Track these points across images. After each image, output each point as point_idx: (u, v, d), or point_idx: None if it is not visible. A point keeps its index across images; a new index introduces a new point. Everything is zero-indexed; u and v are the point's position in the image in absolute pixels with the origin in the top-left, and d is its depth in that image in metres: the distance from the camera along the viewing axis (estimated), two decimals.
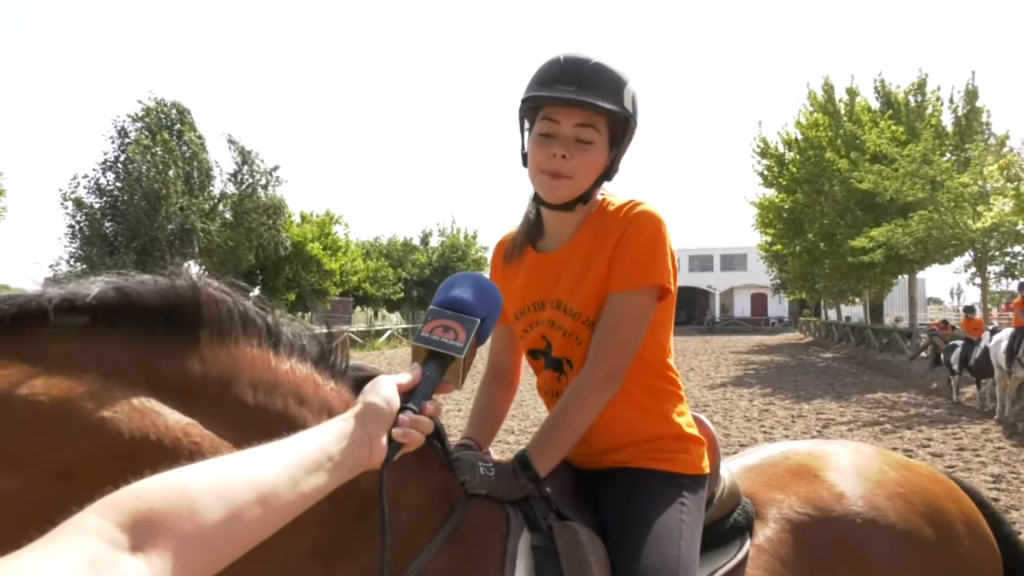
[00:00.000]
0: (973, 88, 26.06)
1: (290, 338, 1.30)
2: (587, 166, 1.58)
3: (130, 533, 0.71)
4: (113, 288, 1.13)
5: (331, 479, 0.97)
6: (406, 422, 1.11)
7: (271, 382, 1.23)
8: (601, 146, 1.59)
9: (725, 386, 17.50)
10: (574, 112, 1.55)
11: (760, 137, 33.17)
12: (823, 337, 37.58)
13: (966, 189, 19.59)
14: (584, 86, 1.53)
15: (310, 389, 1.28)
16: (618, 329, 1.56)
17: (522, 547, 1.43)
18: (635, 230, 1.57)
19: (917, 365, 20.40)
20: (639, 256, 1.56)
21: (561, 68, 1.55)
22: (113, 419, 1.05)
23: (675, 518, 1.55)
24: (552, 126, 1.57)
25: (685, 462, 1.64)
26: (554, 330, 1.68)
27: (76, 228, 25.78)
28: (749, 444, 9.66)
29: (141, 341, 1.12)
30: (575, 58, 1.57)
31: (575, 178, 1.58)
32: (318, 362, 1.33)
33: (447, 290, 1.32)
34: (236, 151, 30.00)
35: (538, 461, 1.49)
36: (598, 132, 1.57)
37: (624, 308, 1.56)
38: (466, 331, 1.25)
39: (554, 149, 1.56)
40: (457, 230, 52.08)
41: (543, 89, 1.55)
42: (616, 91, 1.56)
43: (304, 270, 33.26)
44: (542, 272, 1.70)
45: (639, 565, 1.46)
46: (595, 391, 1.54)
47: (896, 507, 1.89)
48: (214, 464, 0.85)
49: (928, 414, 12.83)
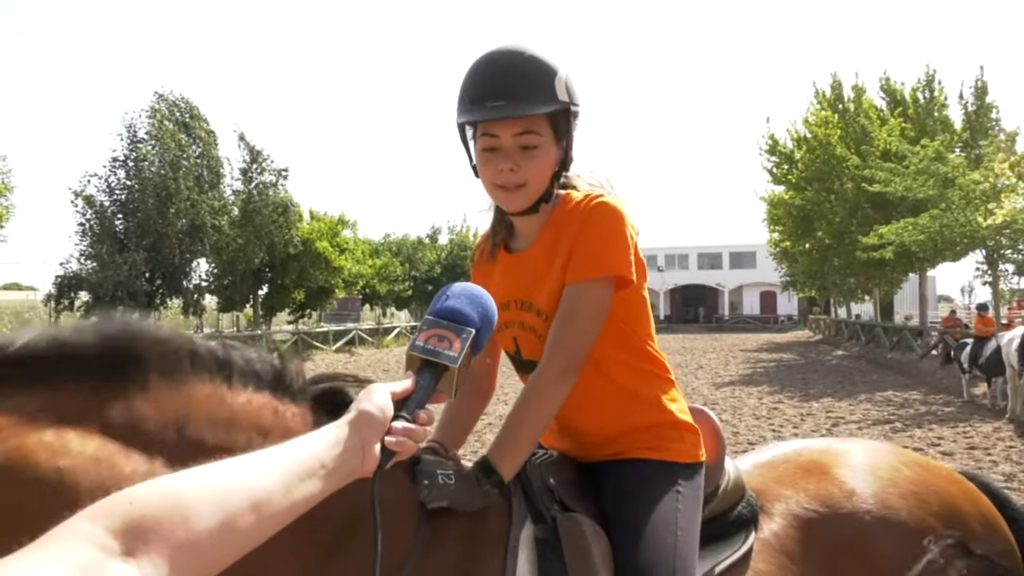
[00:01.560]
0: (983, 84, 25.89)
1: (242, 367, 1.27)
2: (537, 170, 1.56)
3: (122, 539, 0.70)
4: (46, 339, 1.10)
5: (324, 486, 0.96)
6: (399, 430, 1.11)
7: (227, 418, 1.21)
8: (548, 145, 1.57)
9: (734, 384, 17.45)
10: (511, 123, 1.53)
11: (769, 134, 33.07)
12: (833, 335, 37.44)
13: (978, 186, 19.45)
14: (514, 95, 1.50)
15: (269, 418, 1.26)
16: (574, 320, 1.54)
17: (524, 538, 1.43)
18: (592, 222, 1.56)
19: (927, 363, 20.30)
20: (595, 247, 1.55)
21: (487, 81, 1.52)
22: (70, 468, 1.03)
23: (671, 507, 1.55)
24: (493, 140, 1.55)
25: (679, 450, 1.64)
26: (524, 331, 1.67)
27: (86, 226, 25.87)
28: (758, 442, 9.63)
29: (88, 389, 1.10)
30: (499, 64, 1.53)
31: (528, 185, 1.57)
32: (275, 386, 1.30)
33: (443, 300, 1.32)
34: (246, 149, 30.07)
35: (501, 464, 1.45)
36: (540, 135, 1.55)
37: (579, 298, 1.55)
38: (461, 341, 1.25)
39: (500, 164, 1.55)
40: (467, 228, 52.09)
41: (475, 109, 1.52)
42: (548, 88, 1.52)
43: (313, 268, 33.31)
44: (512, 272, 1.69)
45: (636, 557, 1.47)
46: (552, 385, 1.52)
47: (909, 506, 1.87)
48: (207, 470, 0.84)
49: (939, 412, 12.75)
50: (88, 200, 25.86)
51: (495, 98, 1.50)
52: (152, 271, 26.35)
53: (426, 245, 49.77)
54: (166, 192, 25.57)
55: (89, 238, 25.88)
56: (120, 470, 1.07)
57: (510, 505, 1.47)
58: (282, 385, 1.31)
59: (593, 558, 1.42)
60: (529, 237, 1.68)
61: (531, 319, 1.65)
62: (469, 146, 1.63)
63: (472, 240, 51.20)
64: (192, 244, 26.74)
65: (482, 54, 1.57)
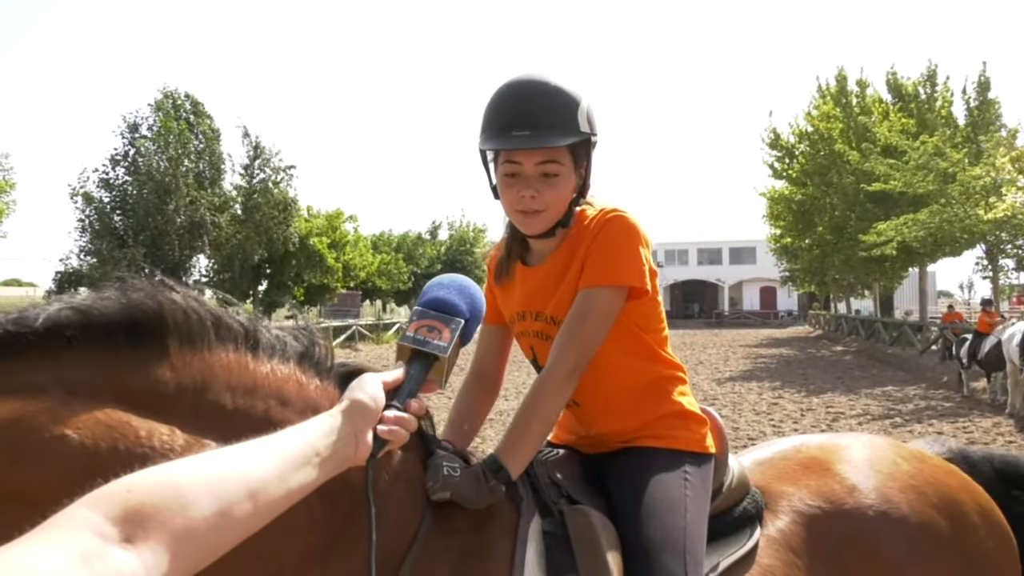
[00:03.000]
0: (985, 79, 25.86)
1: (270, 340, 1.28)
2: (557, 197, 1.59)
3: (121, 526, 0.71)
4: (70, 308, 1.11)
5: (318, 474, 0.98)
6: (391, 419, 1.14)
7: (249, 385, 1.22)
8: (568, 173, 1.60)
9: (734, 380, 17.47)
10: (534, 152, 1.56)
11: (771, 128, 33.03)
12: (832, 330, 37.45)
13: (978, 181, 19.44)
14: (539, 127, 1.53)
15: (293, 389, 1.27)
16: (583, 323, 1.57)
17: (533, 532, 1.44)
18: (606, 232, 1.60)
19: (927, 359, 20.30)
20: (608, 256, 1.58)
21: (512, 110, 1.55)
22: (75, 437, 1.04)
23: (679, 492, 1.57)
24: (515, 167, 1.58)
25: (687, 439, 1.66)
26: (540, 340, 1.71)
27: (86, 222, 25.88)
28: (758, 438, 9.65)
29: (106, 357, 1.11)
30: (524, 95, 1.56)
31: (548, 210, 1.60)
32: (301, 361, 1.32)
33: (432, 291, 1.35)
34: (249, 144, 30.04)
35: (509, 461, 1.47)
36: (562, 164, 1.58)
37: (590, 302, 1.57)
38: (450, 331, 1.28)
39: (522, 191, 1.58)
40: (466, 224, 52.07)
41: (500, 138, 1.56)
42: (571, 119, 1.56)
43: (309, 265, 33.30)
44: (528, 284, 1.73)
45: (645, 538, 1.48)
46: (560, 385, 1.54)
47: (909, 499, 1.89)
48: (204, 459, 0.86)
49: (938, 408, 12.77)
50: (88, 197, 25.85)
51: (520, 128, 1.53)
52: (152, 267, 26.37)
53: (426, 241, 49.73)
54: (166, 189, 25.55)
55: (89, 234, 25.91)
56: (134, 433, 1.08)
57: (518, 499, 1.48)
58: (309, 361, 1.33)
59: (602, 549, 1.44)
60: (544, 253, 1.72)
61: (545, 328, 1.68)
62: (489, 168, 1.66)
63: (471, 236, 51.25)
64: (192, 240, 26.74)
65: (507, 81, 1.60)
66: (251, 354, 1.25)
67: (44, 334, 1.07)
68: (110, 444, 1.06)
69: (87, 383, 1.08)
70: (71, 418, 1.05)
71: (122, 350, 1.12)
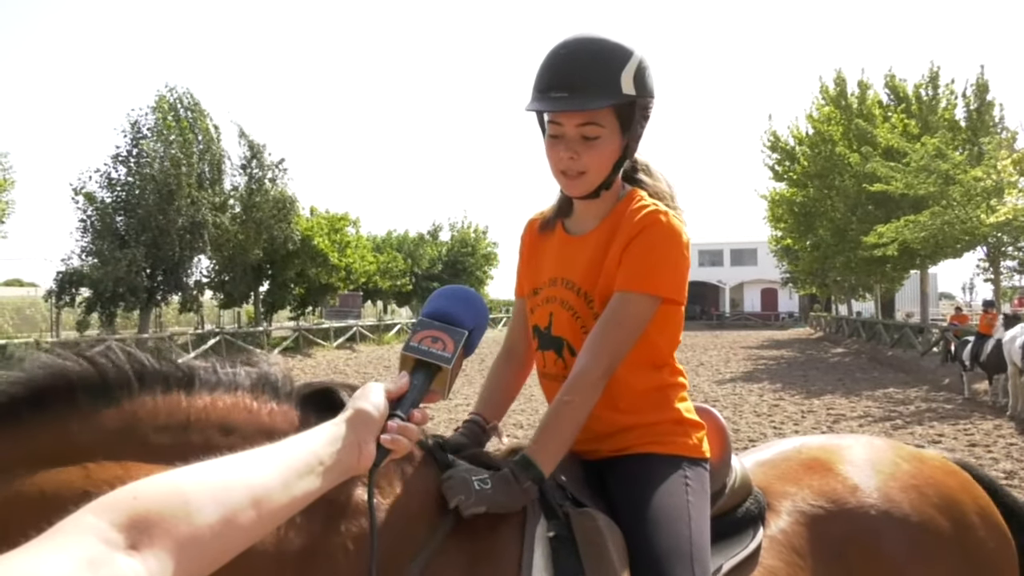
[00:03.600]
0: (983, 82, 25.87)
1: (209, 376, 1.27)
2: (597, 160, 1.60)
3: (127, 533, 0.72)
4: None
5: (322, 483, 0.98)
6: (394, 428, 1.14)
7: (181, 422, 1.20)
8: (609, 136, 1.60)
9: (735, 381, 17.47)
10: (573, 114, 1.57)
11: (770, 131, 33.06)
12: (833, 332, 37.46)
13: (979, 183, 19.43)
14: (577, 88, 1.53)
15: (240, 416, 1.26)
16: (620, 329, 1.58)
17: (539, 535, 1.43)
18: (650, 235, 1.60)
19: (928, 361, 20.31)
20: (649, 261, 1.59)
21: (553, 71, 1.56)
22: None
23: (681, 500, 1.57)
24: (558, 128, 1.60)
25: (685, 445, 1.66)
26: (563, 309, 1.70)
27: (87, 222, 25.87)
28: (759, 439, 9.64)
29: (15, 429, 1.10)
30: (566, 55, 1.56)
31: (588, 172, 1.61)
32: (254, 388, 1.30)
33: (436, 301, 1.36)
34: (246, 144, 30.03)
35: (540, 459, 1.47)
36: (602, 126, 1.58)
37: (626, 309, 1.58)
38: (454, 342, 1.29)
39: (562, 152, 1.60)
40: (467, 225, 52.07)
41: (541, 99, 1.57)
42: (612, 82, 1.54)
43: (312, 264, 33.29)
44: (566, 252, 1.73)
45: (653, 548, 1.48)
46: (592, 386, 1.55)
47: (910, 499, 1.90)
48: (209, 467, 0.86)
49: (939, 410, 12.77)
50: (89, 196, 25.85)
51: (558, 89, 1.54)
52: (153, 267, 26.35)
53: (427, 242, 49.73)
54: (167, 189, 25.54)
55: (90, 234, 25.87)
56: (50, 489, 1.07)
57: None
58: (265, 387, 1.31)
59: (608, 552, 1.43)
60: (587, 222, 1.73)
61: (572, 298, 1.68)
62: (543, 129, 1.68)
63: (472, 237, 51.20)
64: (193, 240, 26.73)
65: (559, 41, 1.61)
66: (184, 392, 1.23)
67: None
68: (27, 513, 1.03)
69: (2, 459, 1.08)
70: None
71: (31, 419, 1.11)
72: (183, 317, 33.64)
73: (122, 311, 26.82)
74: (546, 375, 1.75)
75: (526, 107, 1.61)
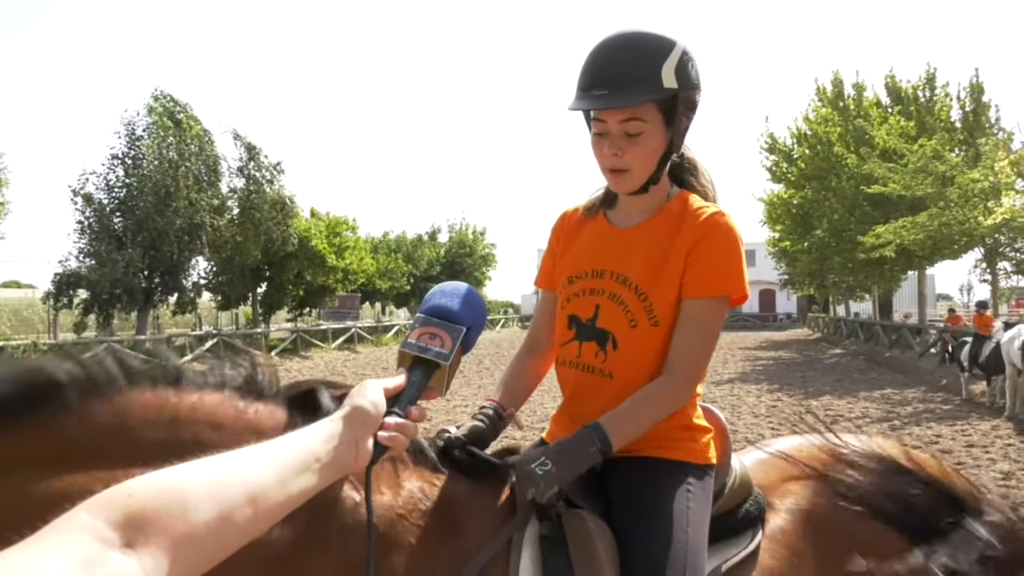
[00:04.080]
0: (978, 83, 25.91)
1: (196, 375, 1.27)
2: (641, 157, 1.61)
3: (122, 531, 0.71)
4: None
5: (318, 480, 0.98)
6: (392, 426, 1.14)
7: (170, 418, 1.21)
8: (653, 132, 1.60)
9: (733, 382, 17.46)
10: (617, 111, 1.57)
11: (768, 133, 33.09)
12: (831, 333, 37.45)
13: (976, 185, 19.46)
14: (617, 85, 1.53)
15: (228, 413, 1.26)
16: (706, 339, 1.63)
17: (529, 536, 1.43)
18: (715, 238, 1.61)
19: (926, 361, 20.31)
20: (719, 264, 1.61)
21: (593, 69, 1.56)
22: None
23: (682, 505, 1.55)
24: (602, 125, 1.61)
25: (691, 451, 1.65)
26: (613, 303, 1.67)
27: (85, 224, 25.82)
28: (756, 440, 9.62)
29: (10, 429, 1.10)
30: (607, 52, 1.57)
31: (632, 170, 1.62)
32: (241, 388, 1.31)
33: (434, 298, 1.35)
34: (242, 146, 30.00)
35: (613, 432, 1.51)
36: (645, 122, 1.58)
37: (705, 316, 1.61)
38: (452, 339, 1.29)
39: (606, 149, 1.61)
40: (466, 226, 52.04)
41: (583, 97, 1.57)
42: (653, 77, 1.54)
43: (310, 266, 33.26)
44: (610, 244, 1.72)
45: (647, 552, 1.47)
46: (682, 390, 1.59)
47: None
48: (205, 464, 0.86)
49: (937, 411, 12.77)
50: (87, 198, 25.81)
51: (599, 87, 1.55)
52: (150, 269, 26.32)
53: (425, 243, 49.70)
54: (165, 190, 25.51)
55: (88, 236, 25.83)
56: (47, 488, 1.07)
57: (514, 502, 1.47)
58: (248, 386, 1.31)
59: (598, 555, 1.42)
60: (632, 215, 1.73)
61: (625, 293, 1.66)
62: (589, 126, 1.68)
63: (471, 239, 51.19)
64: (190, 242, 26.70)
65: (601, 39, 1.61)
66: (172, 389, 1.23)
67: None
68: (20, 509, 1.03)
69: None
70: None
71: (25, 417, 1.11)
72: (181, 319, 33.58)
73: (120, 313, 26.78)
74: (578, 365, 1.70)
75: (569, 106, 1.61)
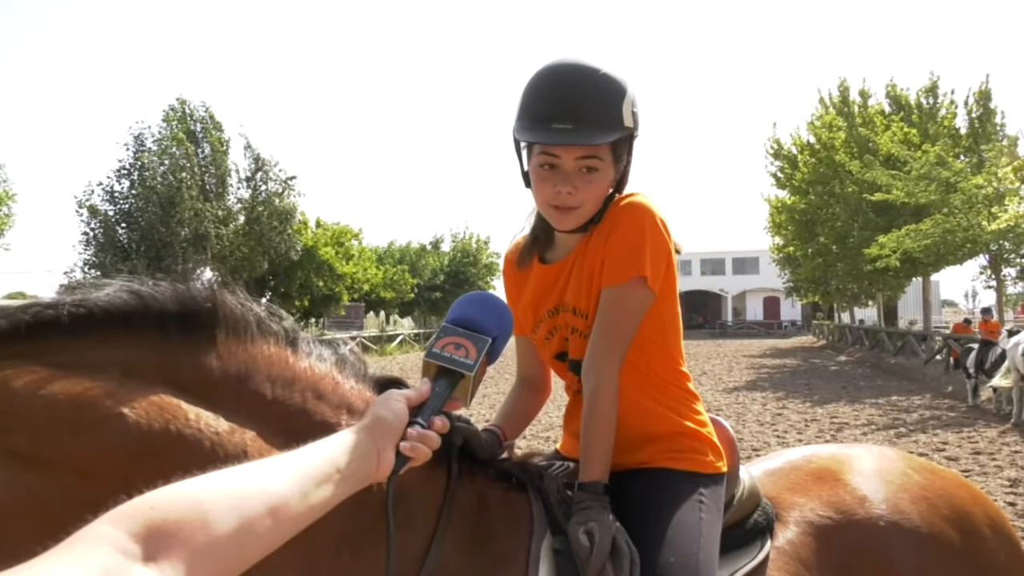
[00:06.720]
0: (987, 89, 25.91)
1: (307, 341, 1.34)
2: (594, 193, 1.55)
3: (143, 543, 0.71)
4: (128, 292, 1.17)
5: (339, 491, 0.97)
6: (414, 436, 1.12)
7: (289, 378, 1.27)
8: (607, 168, 1.55)
9: (738, 390, 17.42)
10: (576, 148, 1.50)
11: (774, 138, 33.09)
12: (836, 340, 37.33)
13: (980, 191, 19.43)
14: (582, 120, 1.46)
15: (329, 386, 1.31)
16: (618, 324, 1.55)
17: (544, 551, 1.42)
18: (621, 224, 1.56)
19: (932, 368, 20.22)
20: (625, 249, 1.54)
21: (554, 100, 1.48)
22: (131, 415, 1.08)
23: (694, 517, 1.54)
24: (553, 159, 1.52)
25: (702, 462, 1.63)
26: (574, 335, 1.67)
27: (90, 235, 25.94)
28: (762, 448, 9.61)
29: (159, 342, 1.16)
30: (567, 83, 1.49)
31: (583, 207, 1.55)
32: (337, 364, 1.36)
33: (460, 308, 1.34)
34: (251, 157, 30.10)
35: (591, 478, 1.48)
36: (602, 160, 1.53)
37: (614, 303, 1.56)
38: (477, 349, 1.27)
39: (559, 186, 1.52)
40: (469, 235, 52.08)
41: (539, 129, 1.48)
42: (616, 113, 1.49)
43: (316, 275, 33.30)
44: (553, 283, 1.69)
45: (659, 565, 1.45)
46: (605, 390, 1.52)
47: (920, 511, 1.87)
48: (225, 475, 0.86)
49: (943, 418, 12.71)
50: (93, 209, 25.92)
51: (561, 120, 1.46)
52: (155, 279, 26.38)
53: (429, 252, 49.74)
54: (170, 202, 25.61)
55: (93, 247, 25.94)
56: (184, 415, 1.13)
57: (531, 515, 1.47)
58: (345, 365, 1.37)
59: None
60: (569, 246, 1.67)
61: (578, 322, 1.65)
62: (522, 155, 1.60)
63: (474, 247, 51.21)
64: (195, 253, 26.78)
65: (549, 64, 1.52)
66: (290, 350, 1.30)
67: (103, 316, 1.12)
68: (162, 424, 1.10)
69: (141, 366, 1.13)
70: (127, 398, 1.09)
71: (174, 337, 1.17)
72: None
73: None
74: (578, 392, 1.71)
75: (522, 137, 1.53)
